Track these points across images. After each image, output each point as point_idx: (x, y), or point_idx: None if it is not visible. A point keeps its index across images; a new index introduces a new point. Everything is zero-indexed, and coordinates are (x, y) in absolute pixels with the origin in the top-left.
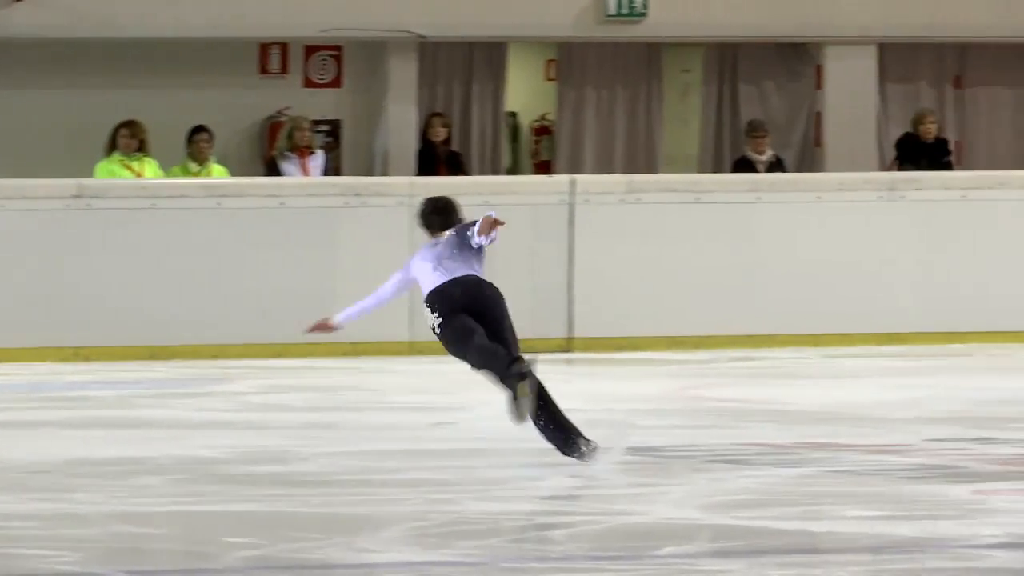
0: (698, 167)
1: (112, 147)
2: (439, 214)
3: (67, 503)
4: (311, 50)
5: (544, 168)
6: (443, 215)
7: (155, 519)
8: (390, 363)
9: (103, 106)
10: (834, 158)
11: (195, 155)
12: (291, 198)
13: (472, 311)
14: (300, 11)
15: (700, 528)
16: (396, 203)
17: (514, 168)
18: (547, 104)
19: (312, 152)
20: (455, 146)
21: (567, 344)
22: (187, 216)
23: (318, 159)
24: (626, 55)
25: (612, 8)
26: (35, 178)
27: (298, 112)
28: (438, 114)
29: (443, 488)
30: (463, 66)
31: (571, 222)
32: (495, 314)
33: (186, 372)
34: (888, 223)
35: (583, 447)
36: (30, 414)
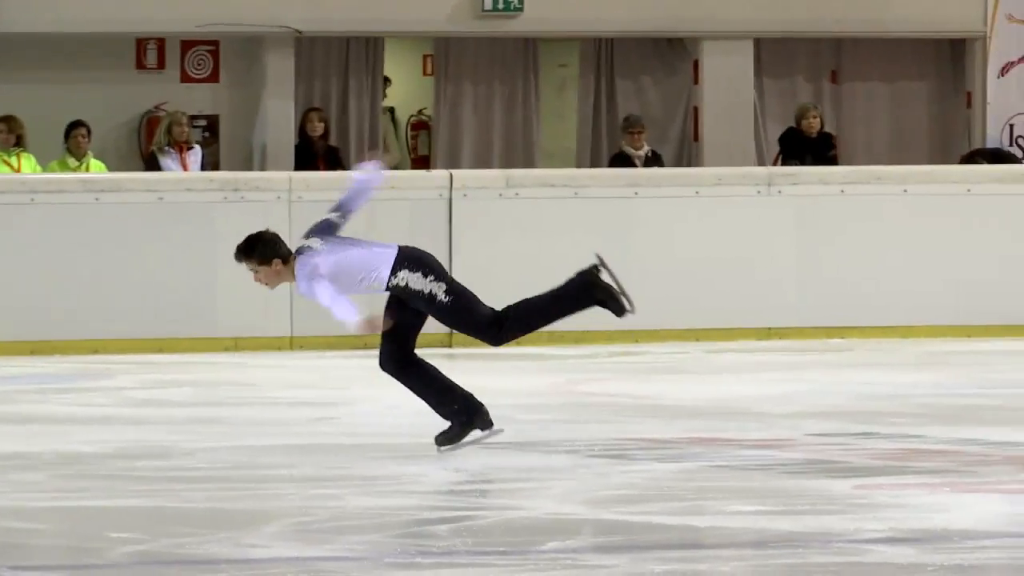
0: (576, 162)
1: None
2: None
3: None
4: (188, 45)
5: (422, 163)
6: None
7: (39, 515)
8: (271, 358)
9: None
10: (712, 153)
11: (73, 150)
12: (169, 193)
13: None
14: (176, 6)
15: (583, 523)
16: (275, 198)
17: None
18: (424, 99)
19: (190, 147)
20: (333, 141)
21: (448, 339)
22: (66, 211)
23: (196, 154)
24: (503, 50)
25: (488, 3)
26: None
27: (175, 107)
28: (315, 109)
29: (326, 483)
30: (340, 61)
31: (449, 217)
32: None
33: (67, 367)
34: (766, 218)
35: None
36: None
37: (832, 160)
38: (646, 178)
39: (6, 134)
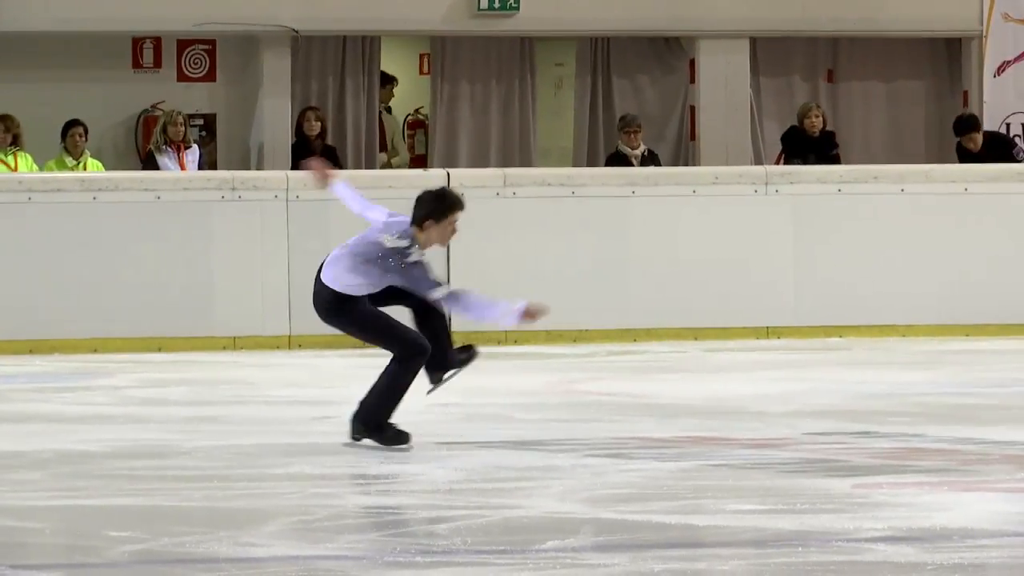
0: (572, 161)
1: None
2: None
3: None
4: (184, 44)
5: (419, 162)
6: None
7: (37, 514)
8: (270, 357)
9: None
10: (709, 152)
11: (70, 149)
12: (167, 192)
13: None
14: (173, 5)
15: (583, 522)
16: (272, 197)
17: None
18: (421, 98)
19: (188, 146)
20: (330, 140)
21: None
22: (63, 210)
23: (194, 153)
24: (499, 49)
25: (484, 2)
26: None
27: (172, 106)
28: (312, 108)
29: (325, 482)
30: (336, 60)
31: None
32: None
33: (65, 366)
34: (764, 217)
35: None
36: None
37: (835, 159)
38: (643, 177)
39: (2, 133)
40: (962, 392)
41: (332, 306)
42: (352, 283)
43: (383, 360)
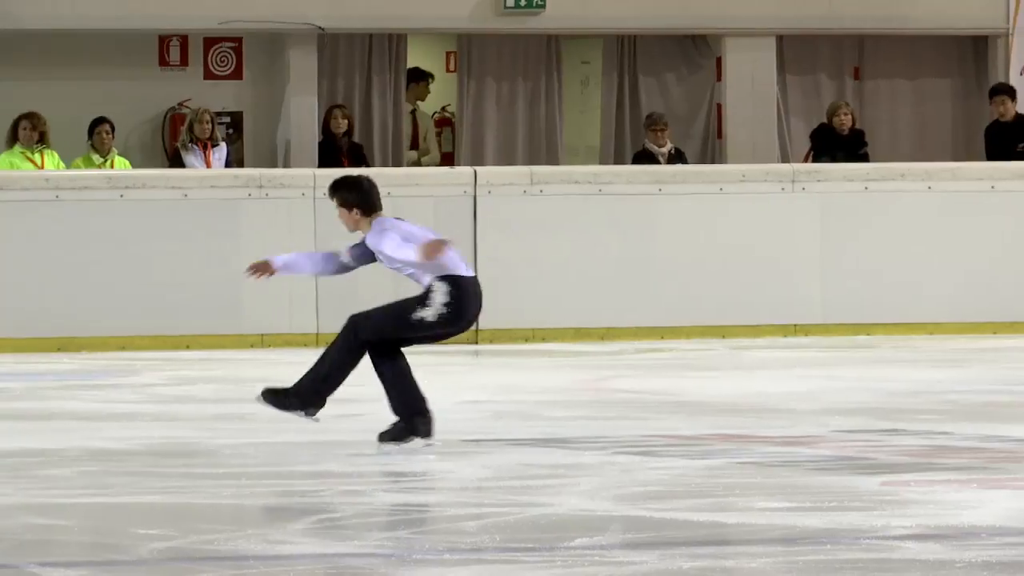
0: (599, 158)
1: (13, 139)
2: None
3: None
4: (211, 42)
5: (446, 160)
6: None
7: (65, 511)
8: (298, 354)
9: (2, 98)
10: (735, 150)
11: (97, 147)
12: (194, 190)
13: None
14: (199, 3)
15: (611, 519)
16: (298, 194)
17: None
18: (448, 96)
19: (215, 144)
20: (356, 138)
21: (473, 336)
22: (91, 208)
23: (221, 151)
24: (526, 47)
25: (511, 0)
26: None
27: (199, 104)
28: (339, 106)
29: (353, 480)
30: (363, 58)
31: (474, 214)
32: None
33: (93, 364)
34: (791, 215)
35: None
36: None
37: (864, 157)
38: (670, 175)
39: (29, 131)
40: (990, 390)
41: None
42: None
43: (413, 357)
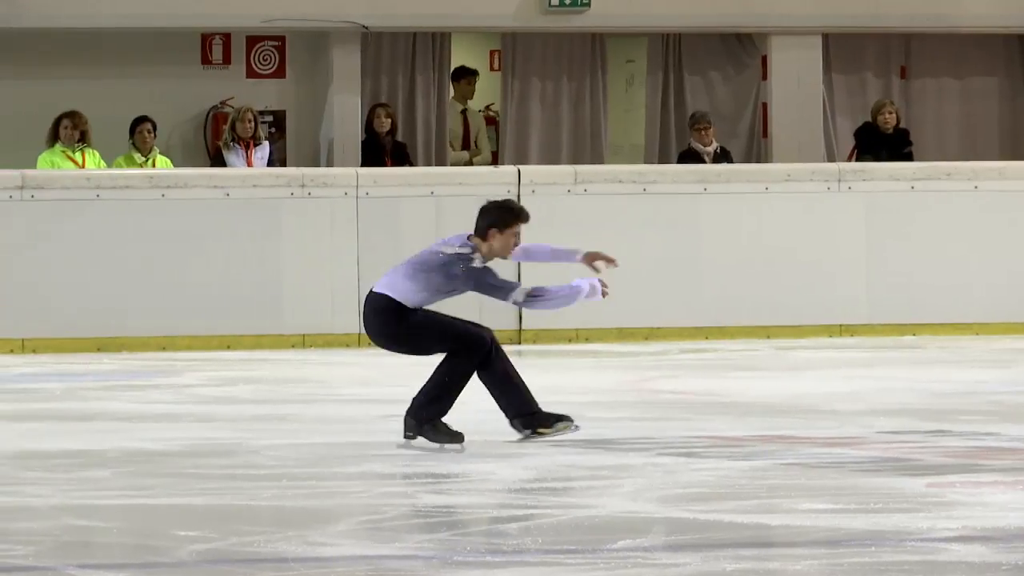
0: (644, 157)
1: (54, 138)
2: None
3: (16, 496)
4: (253, 40)
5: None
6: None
7: (105, 512)
8: (339, 355)
9: (44, 97)
10: (781, 149)
11: (139, 146)
12: (236, 189)
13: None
14: (242, 1)
15: (654, 521)
16: (342, 194)
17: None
18: (491, 95)
19: (257, 143)
20: (400, 137)
21: (516, 336)
22: (132, 207)
23: (263, 150)
24: (570, 45)
25: None
26: None
27: (241, 103)
28: (382, 104)
29: (395, 481)
30: (406, 56)
31: None
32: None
33: (133, 364)
34: (837, 214)
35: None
36: None
37: (908, 156)
38: (715, 174)
39: (70, 130)
40: None
41: (384, 316)
42: (409, 288)
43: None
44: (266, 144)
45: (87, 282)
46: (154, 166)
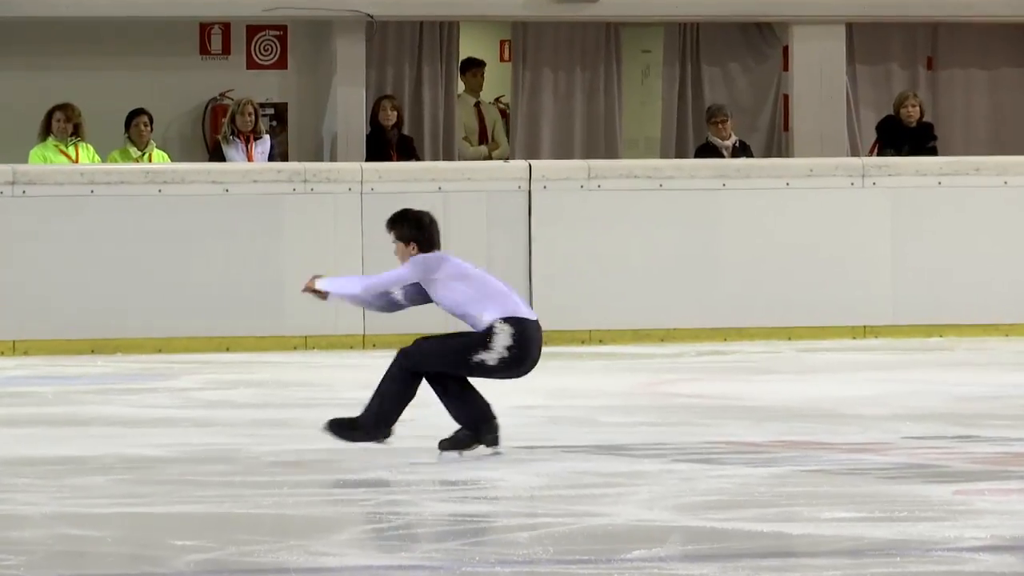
0: (660, 152)
1: (46, 132)
2: (435, 228)
3: (7, 504)
4: (254, 30)
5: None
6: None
7: (99, 521)
8: (343, 357)
9: (36, 89)
10: (803, 143)
11: (134, 139)
12: (236, 185)
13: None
14: None
15: (670, 530)
16: (345, 189)
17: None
18: (502, 87)
19: (257, 136)
20: (406, 130)
21: None
22: (127, 203)
23: (264, 144)
24: (583, 35)
25: None
26: None
27: (241, 95)
28: (388, 96)
29: (401, 488)
30: (413, 47)
31: (528, 210)
32: None
33: (129, 367)
34: (860, 210)
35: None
36: None
37: (932, 151)
38: (734, 169)
39: (63, 123)
40: None
41: None
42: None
43: None
44: (267, 138)
45: (81, 281)
46: (150, 161)
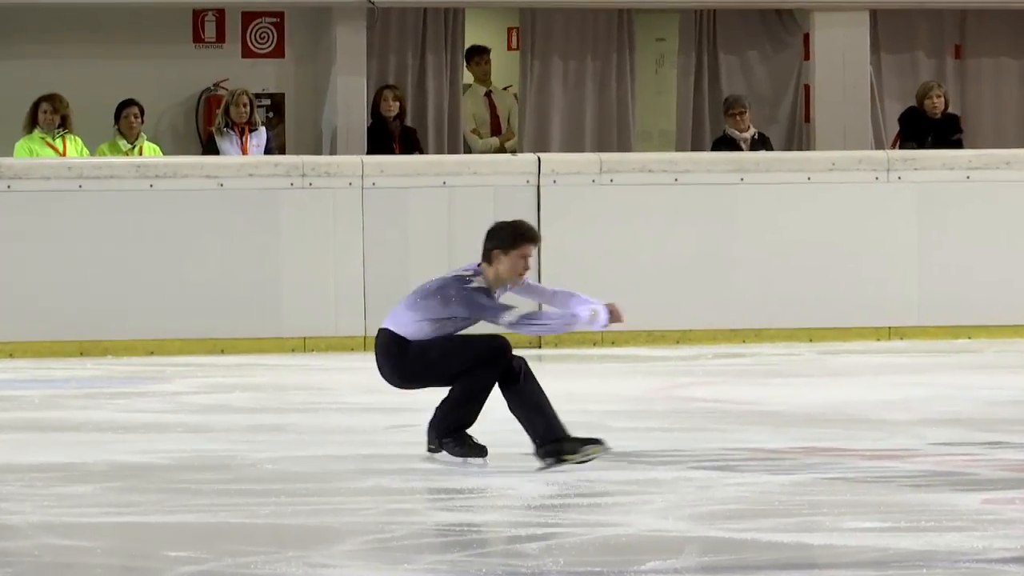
0: (675, 145)
1: (32, 124)
2: None
3: None
4: (250, 17)
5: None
6: None
7: (89, 531)
8: (343, 360)
9: (21, 79)
10: (825, 135)
11: (124, 132)
12: (231, 179)
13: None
14: None
15: (686, 540)
16: (346, 184)
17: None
18: (509, 76)
19: (253, 128)
20: (409, 121)
21: (538, 340)
22: (117, 198)
23: (260, 136)
24: (595, 22)
25: None
26: None
27: (236, 85)
28: (390, 87)
29: (404, 497)
30: (416, 34)
31: (538, 205)
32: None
33: (120, 370)
34: (885, 206)
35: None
36: None
37: (957, 143)
38: (753, 163)
39: (50, 114)
40: None
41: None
42: (410, 319)
43: None
44: (263, 130)
45: (69, 280)
46: (141, 154)
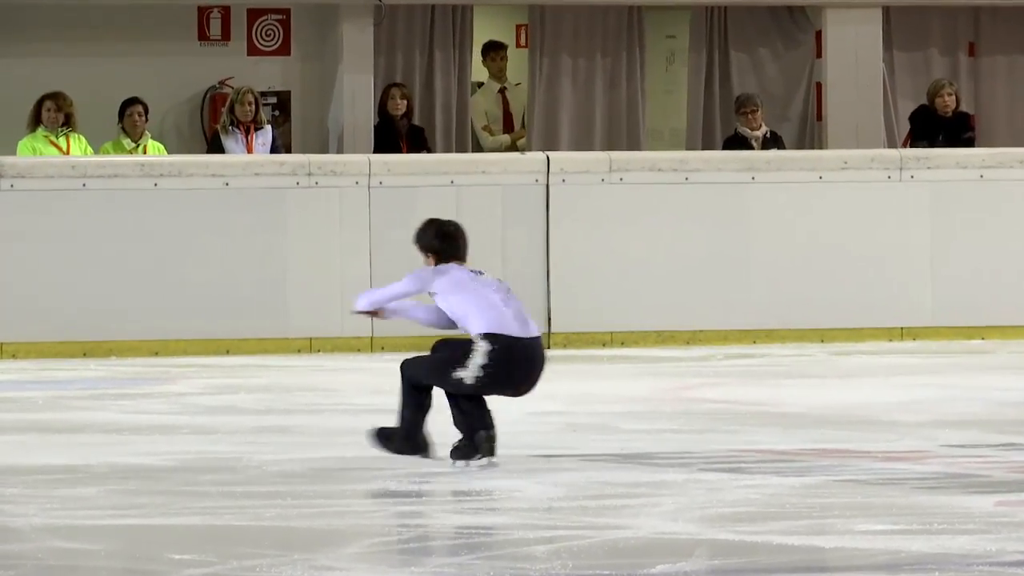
0: (686, 143)
1: (36, 122)
2: (457, 239)
3: None
4: (255, 14)
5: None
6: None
7: (92, 533)
8: (350, 360)
9: (25, 77)
10: (837, 133)
11: (128, 130)
12: (236, 178)
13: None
14: None
15: (696, 543)
16: (352, 183)
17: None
18: (518, 74)
19: (258, 127)
20: (416, 120)
21: (546, 340)
22: (121, 198)
23: (265, 135)
24: (605, 19)
25: None
26: None
27: (242, 83)
28: (397, 85)
29: (411, 499)
30: (424, 32)
31: (546, 204)
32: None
33: (124, 371)
34: (898, 205)
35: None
36: None
37: (969, 142)
38: (764, 162)
39: (54, 113)
40: None
41: None
42: None
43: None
44: (268, 129)
45: (72, 280)
46: (145, 153)
